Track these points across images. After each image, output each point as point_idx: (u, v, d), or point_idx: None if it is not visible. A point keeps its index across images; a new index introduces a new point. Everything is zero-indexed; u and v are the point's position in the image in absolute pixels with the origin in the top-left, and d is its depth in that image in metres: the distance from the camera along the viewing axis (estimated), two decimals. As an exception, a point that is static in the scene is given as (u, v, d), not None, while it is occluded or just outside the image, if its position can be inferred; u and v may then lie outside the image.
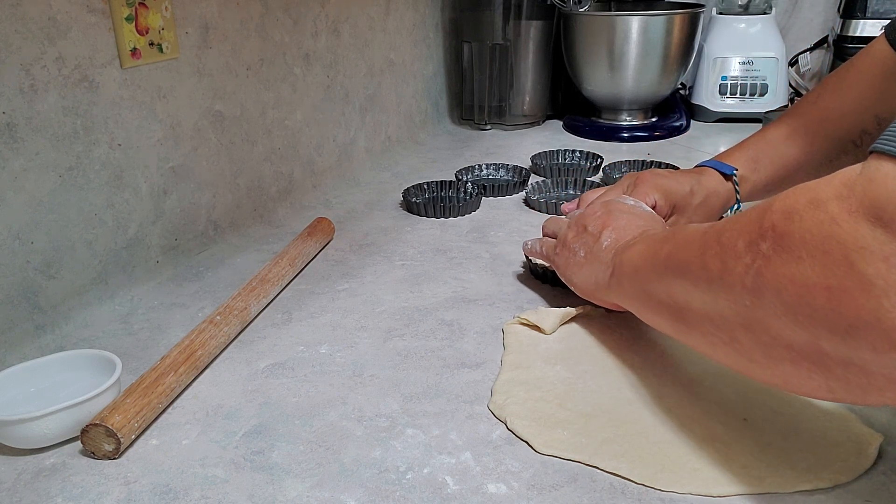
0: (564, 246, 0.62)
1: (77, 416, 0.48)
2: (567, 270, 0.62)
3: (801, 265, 0.33)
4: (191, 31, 0.75)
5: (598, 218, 0.60)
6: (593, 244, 0.59)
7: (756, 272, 0.36)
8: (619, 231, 0.58)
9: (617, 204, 0.62)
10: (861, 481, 0.43)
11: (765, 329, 0.36)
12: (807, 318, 0.33)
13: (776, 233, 0.34)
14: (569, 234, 0.63)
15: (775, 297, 0.34)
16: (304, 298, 0.69)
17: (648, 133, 1.24)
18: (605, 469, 0.45)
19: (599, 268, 0.57)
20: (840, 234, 0.31)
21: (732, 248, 0.38)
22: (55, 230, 0.62)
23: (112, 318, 0.66)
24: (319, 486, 0.45)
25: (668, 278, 0.45)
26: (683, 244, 0.44)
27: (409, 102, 1.22)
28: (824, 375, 0.35)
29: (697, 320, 0.42)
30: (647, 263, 0.49)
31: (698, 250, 0.41)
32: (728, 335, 0.40)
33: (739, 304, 0.37)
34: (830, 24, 1.40)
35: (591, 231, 0.60)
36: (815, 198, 0.33)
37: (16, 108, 0.58)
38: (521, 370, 0.55)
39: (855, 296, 0.31)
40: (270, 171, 0.90)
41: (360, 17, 1.05)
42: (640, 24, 1.17)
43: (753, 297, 0.36)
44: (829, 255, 0.31)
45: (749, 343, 0.38)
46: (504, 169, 1.02)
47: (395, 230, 0.86)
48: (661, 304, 0.47)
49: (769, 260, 0.35)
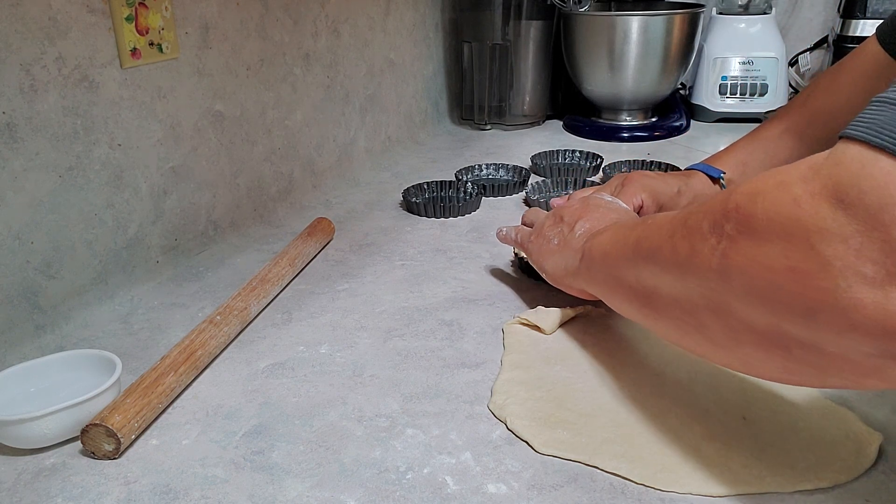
0: (539, 234, 0.64)
1: (77, 416, 0.48)
2: (539, 257, 0.63)
3: (765, 247, 0.33)
4: (191, 31, 0.75)
5: (574, 210, 0.62)
6: (567, 233, 0.60)
7: (722, 253, 0.36)
8: (592, 221, 0.59)
9: (595, 199, 0.64)
10: (861, 480, 0.43)
11: (730, 311, 0.36)
12: (770, 300, 0.33)
13: (740, 213, 0.34)
14: (546, 223, 0.64)
15: (740, 278, 0.35)
16: (304, 298, 0.69)
17: (648, 133, 1.24)
18: (605, 469, 0.45)
19: (570, 255, 0.58)
20: (802, 216, 0.31)
21: (698, 230, 0.38)
22: (55, 230, 0.62)
23: (112, 318, 0.66)
24: (319, 486, 0.45)
25: (638, 263, 0.45)
26: (653, 229, 0.45)
27: (409, 102, 1.22)
28: (784, 357, 0.35)
29: (666, 305, 0.42)
30: (615, 249, 0.50)
31: (667, 234, 0.42)
32: (696, 319, 0.40)
33: (706, 287, 0.37)
34: (830, 24, 1.40)
35: (566, 221, 0.61)
36: (781, 180, 0.33)
37: (16, 108, 0.58)
38: (521, 370, 0.55)
39: (815, 277, 0.31)
40: (270, 171, 0.90)
41: (360, 17, 1.05)
42: (640, 24, 1.17)
43: (720, 279, 0.36)
44: (792, 236, 0.32)
45: (715, 326, 0.38)
46: (504, 169, 1.02)
47: (395, 230, 0.86)
48: (630, 290, 0.47)
49: (734, 241, 0.35)
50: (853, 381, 0.33)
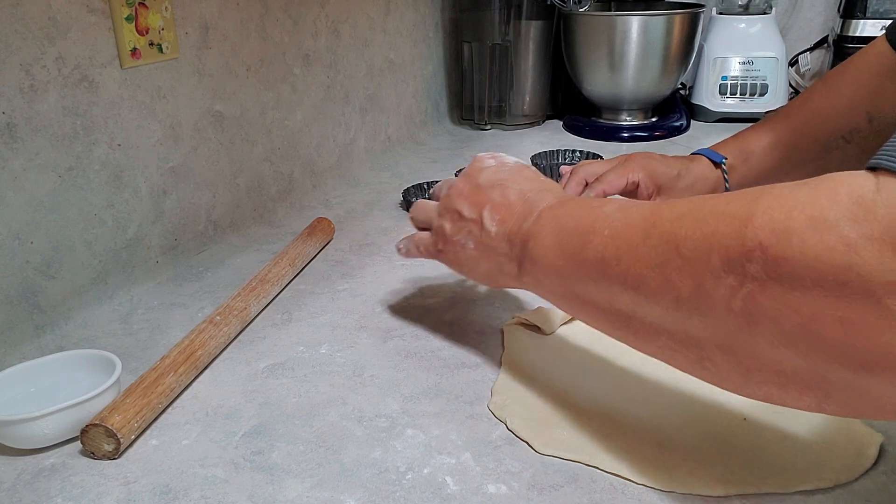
0: (446, 240, 0.54)
1: (77, 416, 0.48)
2: (461, 267, 0.55)
3: (808, 294, 0.29)
4: (191, 32, 0.75)
5: (467, 198, 0.53)
6: (479, 232, 0.52)
7: (746, 296, 0.32)
8: (499, 209, 0.51)
9: (478, 172, 0.54)
10: (861, 481, 0.43)
11: (750, 354, 0.33)
12: (812, 350, 0.30)
13: (768, 255, 0.31)
14: (445, 225, 0.54)
15: (773, 325, 0.31)
16: (304, 298, 0.69)
17: (648, 133, 1.24)
18: (605, 469, 0.45)
19: (499, 259, 0.51)
20: (860, 265, 0.28)
21: (705, 265, 0.33)
22: (55, 230, 0.62)
23: (112, 318, 0.66)
24: (319, 486, 0.45)
25: (609, 286, 0.40)
26: (623, 246, 0.39)
27: (409, 102, 1.22)
28: (818, 398, 0.32)
29: (653, 333, 0.39)
30: (569, 264, 0.44)
31: (651, 260, 0.37)
32: (697, 353, 0.36)
33: (720, 329, 0.34)
34: (830, 23, 1.40)
35: (468, 216, 0.52)
36: (816, 216, 0.29)
37: (16, 108, 0.58)
38: (521, 370, 0.55)
39: (876, 331, 0.28)
40: (270, 171, 0.89)
41: (360, 17, 1.05)
42: (640, 24, 1.17)
43: (743, 323, 0.32)
44: (847, 286, 0.28)
45: (726, 365, 0.35)
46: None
47: (395, 230, 0.86)
48: (600, 310, 0.42)
49: (764, 285, 0.31)
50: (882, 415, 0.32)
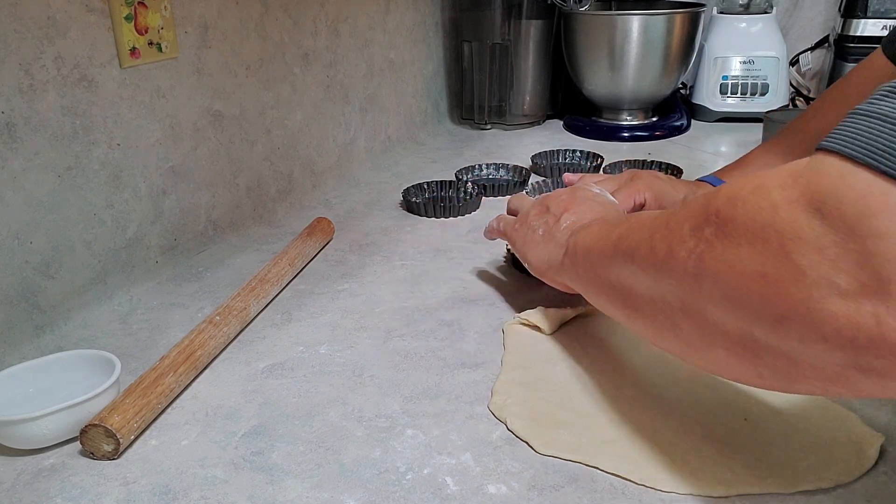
0: (524, 223, 0.63)
1: (76, 416, 0.48)
2: (523, 247, 0.62)
3: (740, 251, 0.33)
4: (190, 31, 0.74)
5: (561, 201, 0.61)
6: (553, 224, 0.59)
7: (698, 257, 0.36)
8: (578, 214, 0.59)
9: (582, 190, 0.63)
10: (862, 481, 0.43)
11: (703, 314, 0.36)
12: (741, 305, 0.33)
13: (720, 218, 0.34)
14: (531, 212, 0.63)
15: (713, 282, 0.35)
16: (304, 298, 0.69)
17: (649, 133, 1.24)
18: (605, 469, 0.45)
19: (554, 248, 0.58)
20: (778, 222, 0.31)
21: (678, 232, 0.38)
22: (54, 230, 0.62)
23: (111, 319, 0.66)
24: (319, 486, 0.44)
25: (618, 261, 0.45)
26: (635, 227, 0.44)
27: (409, 102, 1.22)
28: (754, 362, 0.35)
29: (643, 304, 0.43)
30: (598, 245, 0.50)
31: (647, 233, 0.42)
32: (670, 320, 0.40)
33: (681, 289, 0.38)
34: (831, 23, 1.40)
35: (552, 212, 0.60)
36: (759, 185, 0.33)
37: (15, 107, 0.58)
38: (522, 370, 0.55)
39: (787, 285, 0.31)
40: (270, 171, 0.89)
41: (360, 16, 1.05)
42: (640, 24, 1.17)
43: (694, 282, 0.36)
44: (767, 242, 0.31)
45: (688, 328, 0.38)
46: (504, 169, 1.02)
47: (395, 230, 0.86)
48: (611, 288, 0.47)
49: (711, 245, 0.35)
50: (820, 388, 0.33)
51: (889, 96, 0.30)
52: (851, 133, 0.30)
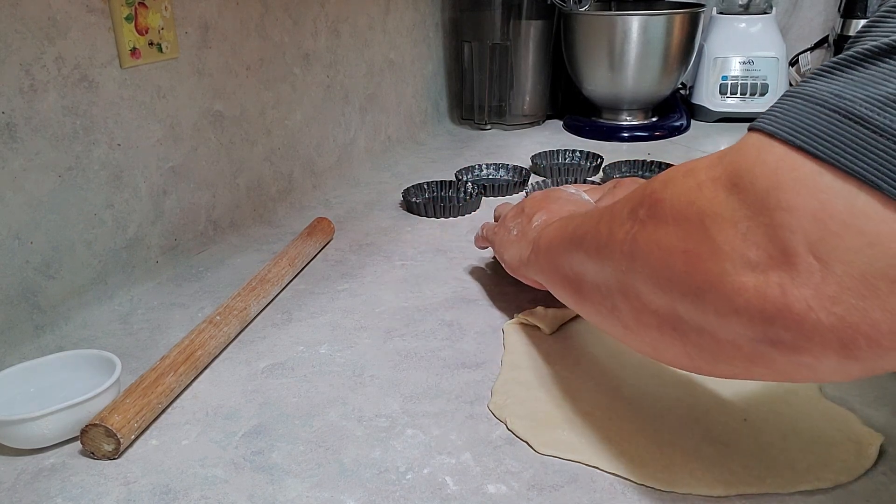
0: (502, 225, 0.66)
1: (76, 416, 0.48)
2: (500, 248, 0.65)
3: (667, 229, 0.34)
4: (190, 31, 0.75)
5: (536, 202, 0.63)
6: (525, 224, 0.61)
7: (632, 238, 0.37)
8: (550, 213, 0.60)
9: (557, 191, 0.65)
10: (861, 481, 0.43)
11: (636, 294, 0.37)
12: (666, 282, 0.34)
13: (652, 199, 0.36)
14: (509, 214, 0.66)
15: (644, 261, 0.36)
16: (304, 298, 0.69)
17: (649, 133, 1.24)
18: (605, 469, 0.45)
19: (525, 245, 0.60)
20: (700, 200, 0.32)
21: (619, 216, 0.39)
22: (55, 230, 0.62)
23: (112, 318, 0.66)
24: (319, 486, 0.45)
25: (571, 250, 0.47)
26: (588, 217, 0.46)
27: (409, 102, 1.22)
28: (682, 342, 0.36)
29: (589, 290, 0.44)
30: (557, 237, 0.51)
31: (595, 220, 0.43)
32: (610, 302, 0.41)
33: (618, 270, 0.39)
34: (831, 23, 1.40)
35: (526, 213, 0.63)
36: (691, 167, 0.34)
37: (15, 107, 0.58)
38: (521, 370, 0.55)
39: (705, 259, 0.32)
40: (270, 171, 0.89)
41: (360, 16, 1.05)
42: (640, 24, 1.17)
43: (628, 262, 0.37)
44: (689, 220, 0.33)
45: (625, 309, 0.39)
46: (504, 169, 1.02)
47: (395, 230, 0.86)
48: (565, 278, 0.49)
49: (644, 225, 0.36)
50: (743, 369, 0.34)
51: (817, 76, 0.31)
52: (776, 112, 0.31)
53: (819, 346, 0.29)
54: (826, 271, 0.28)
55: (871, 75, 0.28)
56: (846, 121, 0.28)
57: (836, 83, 0.29)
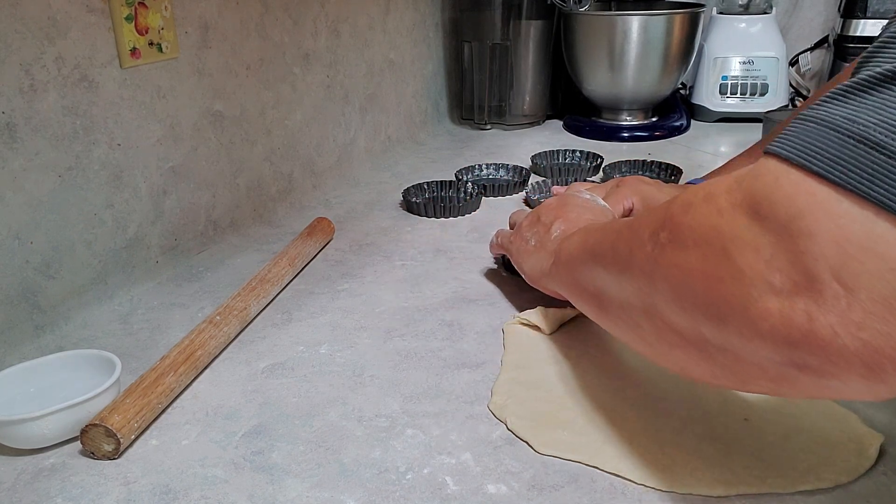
0: (518, 234, 0.65)
1: (76, 416, 0.48)
2: (518, 257, 0.64)
3: (688, 254, 0.35)
4: (190, 31, 0.75)
5: (552, 210, 0.63)
6: (544, 234, 0.61)
7: (653, 260, 0.37)
8: (568, 223, 0.60)
9: (572, 197, 0.65)
10: (862, 481, 0.43)
11: (659, 314, 0.38)
12: (689, 304, 0.35)
13: (673, 223, 0.36)
14: (524, 223, 0.65)
15: (666, 283, 0.36)
16: (304, 298, 0.69)
17: (649, 133, 1.24)
18: (605, 469, 0.45)
19: (545, 256, 0.59)
20: (721, 225, 0.33)
21: (638, 236, 0.40)
22: (55, 230, 0.62)
23: (111, 318, 0.66)
24: (319, 486, 0.45)
25: (592, 265, 0.47)
26: (607, 232, 0.47)
27: (409, 102, 1.22)
28: (708, 361, 0.36)
29: (611, 306, 0.45)
30: (578, 251, 0.51)
31: (614, 237, 0.44)
32: (633, 320, 0.41)
33: (640, 290, 0.39)
34: (831, 23, 1.40)
35: (543, 221, 0.62)
36: (709, 192, 0.34)
37: (15, 107, 0.58)
38: (521, 370, 0.55)
39: (728, 284, 0.32)
40: (270, 171, 0.89)
41: (360, 16, 1.05)
42: (640, 24, 1.17)
43: (649, 283, 0.38)
44: (710, 244, 0.33)
45: (648, 328, 0.40)
46: (504, 169, 1.02)
47: (395, 230, 0.86)
48: (586, 291, 0.49)
49: (664, 248, 0.37)
50: (769, 388, 0.34)
51: (829, 101, 0.31)
52: (791, 136, 0.31)
53: (845, 370, 0.29)
54: (851, 297, 0.28)
55: (883, 100, 0.29)
56: (860, 145, 0.28)
57: (849, 107, 0.30)
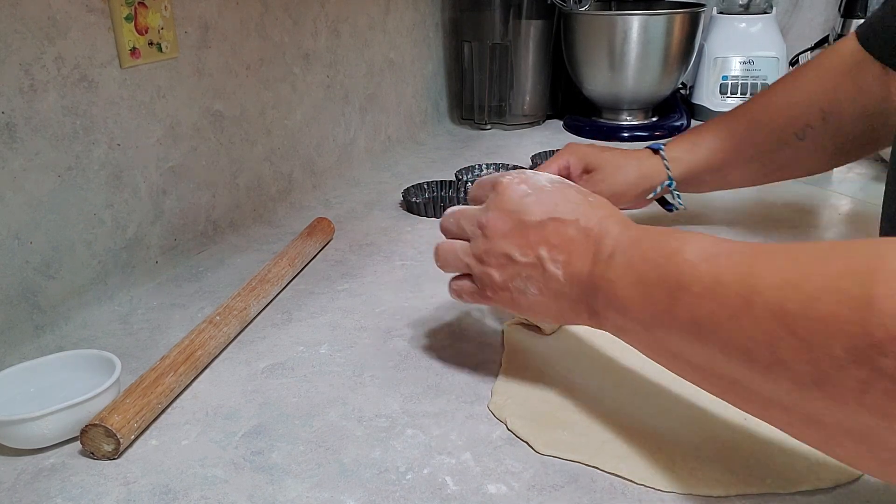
0: (496, 288, 0.49)
1: (76, 416, 0.48)
2: (525, 311, 0.50)
3: None
4: (190, 31, 0.75)
5: (512, 238, 0.48)
6: (541, 277, 0.47)
7: (884, 393, 0.29)
8: (559, 249, 0.46)
9: (512, 203, 0.49)
10: (861, 482, 0.43)
11: (886, 447, 0.31)
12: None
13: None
14: (491, 272, 0.49)
15: (887, 421, 0.30)
16: (304, 298, 0.69)
17: (649, 133, 1.24)
18: (605, 469, 0.45)
19: (567, 304, 0.47)
20: None
21: (826, 352, 0.31)
22: (54, 230, 0.62)
23: (111, 319, 0.66)
24: (319, 486, 0.45)
25: (709, 351, 0.38)
26: (719, 311, 0.36)
27: (409, 102, 1.22)
28: (876, 460, 0.32)
29: (763, 403, 0.37)
30: (658, 319, 0.41)
31: (758, 335, 0.34)
32: (822, 434, 0.35)
33: (850, 419, 0.32)
34: (831, 23, 1.40)
35: (521, 260, 0.47)
36: None
37: (15, 107, 0.58)
38: (521, 370, 0.55)
39: None
40: (270, 171, 0.89)
41: (360, 16, 1.05)
42: (640, 24, 1.17)
43: (881, 419, 0.30)
44: None
45: (857, 451, 0.33)
46: (504, 169, 1.02)
47: (395, 230, 0.86)
48: (697, 369, 0.40)
49: (893, 379, 0.29)
50: None
51: None
52: None
53: None
54: None
55: None
56: None
57: None
